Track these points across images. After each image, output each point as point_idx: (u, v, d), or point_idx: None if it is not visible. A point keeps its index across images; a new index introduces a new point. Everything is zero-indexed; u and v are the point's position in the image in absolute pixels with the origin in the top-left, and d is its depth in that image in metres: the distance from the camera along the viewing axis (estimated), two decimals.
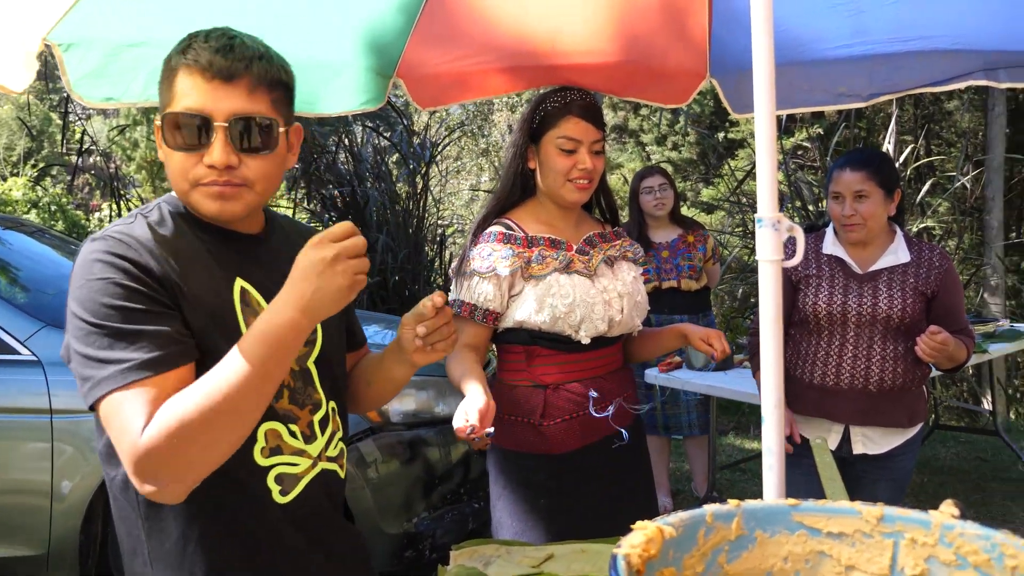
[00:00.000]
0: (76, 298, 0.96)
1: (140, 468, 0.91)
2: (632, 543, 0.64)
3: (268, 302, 1.02)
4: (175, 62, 1.01)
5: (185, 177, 1.01)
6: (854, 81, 1.99)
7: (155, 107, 1.16)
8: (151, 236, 1.00)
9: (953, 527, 0.67)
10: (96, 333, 0.94)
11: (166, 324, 0.96)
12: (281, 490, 1.07)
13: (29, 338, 2.56)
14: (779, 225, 1.03)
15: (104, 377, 0.93)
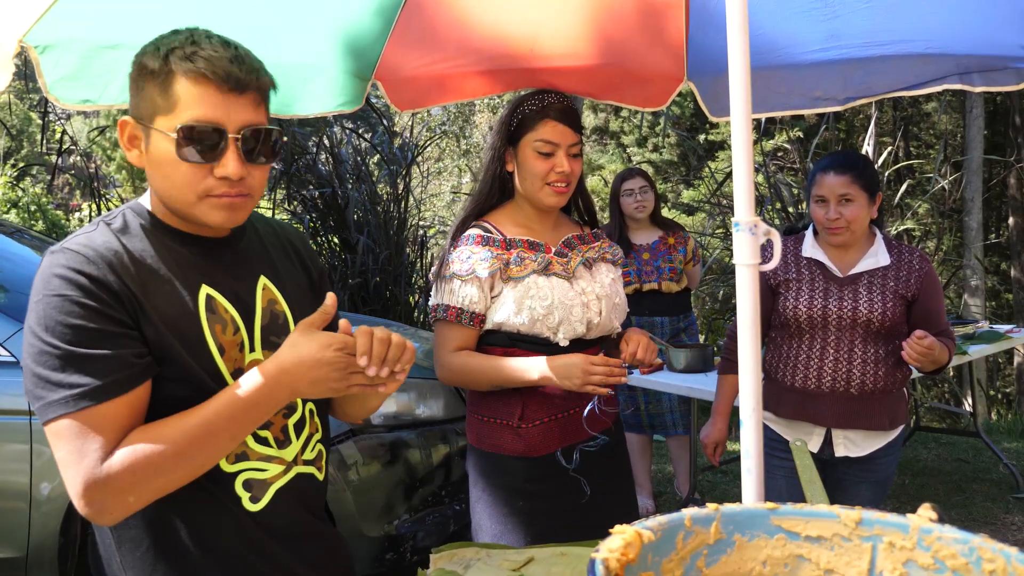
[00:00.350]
0: (33, 312, 0.94)
1: (91, 496, 0.92)
2: (611, 547, 0.64)
3: (236, 307, 1.05)
4: (176, 67, 0.98)
5: (194, 189, 1.00)
6: (829, 85, 2.01)
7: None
8: (113, 247, 0.99)
9: (931, 531, 0.68)
10: (49, 353, 0.92)
11: (121, 346, 0.95)
12: (251, 497, 1.06)
13: (8, 339, 2.53)
14: (756, 229, 1.03)
15: (55, 400, 0.92)
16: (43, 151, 9.98)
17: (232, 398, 0.97)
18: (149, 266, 1.00)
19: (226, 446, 0.98)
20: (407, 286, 5.65)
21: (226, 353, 1.04)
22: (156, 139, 0.99)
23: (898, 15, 1.79)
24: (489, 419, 1.69)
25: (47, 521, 2.45)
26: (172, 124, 0.98)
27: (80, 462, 0.92)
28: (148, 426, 0.96)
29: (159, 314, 0.99)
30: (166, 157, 0.99)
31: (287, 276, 1.16)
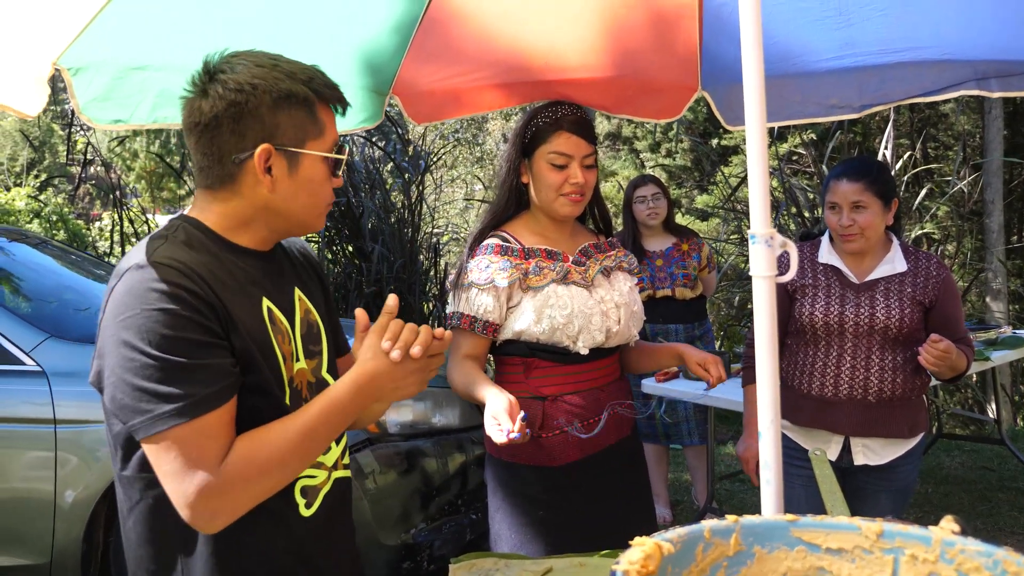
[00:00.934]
0: (131, 327, 0.95)
1: (206, 503, 0.95)
2: (630, 559, 0.64)
3: (285, 316, 1.11)
4: (322, 94, 1.06)
5: (326, 201, 1.10)
6: (845, 93, 2.00)
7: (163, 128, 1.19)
8: (193, 259, 1.01)
9: (954, 543, 0.67)
10: (154, 366, 0.94)
11: (221, 356, 0.98)
12: (306, 503, 1.11)
13: (34, 349, 2.58)
14: (772, 241, 1.03)
15: (164, 413, 0.94)
16: (66, 162, 10.14)
17: (328, 404, 1.01)
18: (222, 278, 1.03)
19: (319, 451, 1.03)
20: (421, 294, 5.68)
21: (286, 362, 1.08)
22: (309, 162, 1.05)
23: (913, 22, 1.78)
24: None
25: (70, 528, 2.50)
26: (324, 147, 1.06)
27: (194, 471, 0.94)
28: (252, 434, 1.00)
29: (242, 325, 1.02)
30: (319, 177, 1.07)
31: (311, 286, 1.21)
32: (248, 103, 1.01)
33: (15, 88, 1.23)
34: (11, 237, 3.50)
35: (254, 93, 1.01)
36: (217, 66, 1.04)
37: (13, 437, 2.51)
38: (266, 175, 1.04)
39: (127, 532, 1.08)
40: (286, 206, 1.07)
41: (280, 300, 1.11)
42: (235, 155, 1.03)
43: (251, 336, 1.03)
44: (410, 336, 1.01)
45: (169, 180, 21.92)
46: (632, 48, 1.96)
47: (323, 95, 1.06)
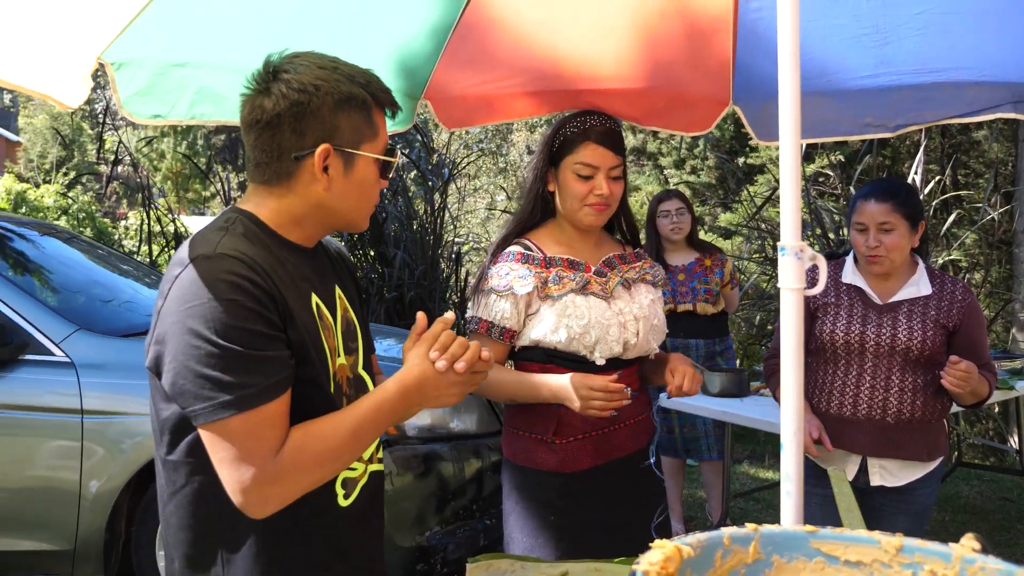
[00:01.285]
0: (197, 315, 0.97)
1: (260, 490, 0.98)
2: (651, 560, 0.65)
3: (329, 312, 1.14)
4: (379, 98, 1.10)
5: (374, 201, 1.15)
6: (880, 112, 1.99)
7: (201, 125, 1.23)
8: (254, 252, 1.04)
9: (974, 561, 0.67)
10: (218, 355, 0.96)
11: (280, 348, 1.01)
12: (345, 494, 1.14)
13: (63, 340, 2.63)
14: (802, 254, 1.04)
15: (225, 401, 0.96)
16: (97, 160, 10.33)
17: (377, 403, 1.05)
18: (278, 271, 1.05)
19: (365, 447, 1.07)
20: (441, 301, 5.71)
21: (332, 357, 1.11)
22: (363, 163, 1.10)
23: (950, 42, 1.77)
24: (524, 433, 1.71)
25: (94, 518, 2.54)
26: (377, 149, 1.11)
27: (251, 458, 0.97)
28: (306, 426, 1.02)
29: (298, 317, 1.05)
30: (371, 178, 1.11)
31: (348, 285, 1.25)
32: (311, 103, 1.04)
33: (58, 79, 1.27)
34: (42, 231, 3.56)
35: (316, 94, 1.04)
36: (280, 65, 1.07)
37: (42, 426, 2.56)
38: (323, 174, 1.07)
39: (167, 516, 1.10)
40: (338, 205, 1.10)
41: (325, 296, 1.14)
42: (295, 153, 1.06)
43: (305, 329, 1.06)
44: (458, 350, 1.04)
45: (195, 181, 22.27)
46: (665, 60, 1.98)
47: (379, 99, 1.09)
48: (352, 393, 1.15)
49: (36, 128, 21.38)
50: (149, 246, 5.96)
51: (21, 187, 8.74)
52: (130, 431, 2.55)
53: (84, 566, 2.56)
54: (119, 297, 3.29)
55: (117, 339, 2.73)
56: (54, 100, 1.25)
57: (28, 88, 1.21)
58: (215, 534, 1.08)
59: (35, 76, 1.23)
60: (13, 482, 2.57)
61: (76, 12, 1.31)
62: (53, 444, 2.57)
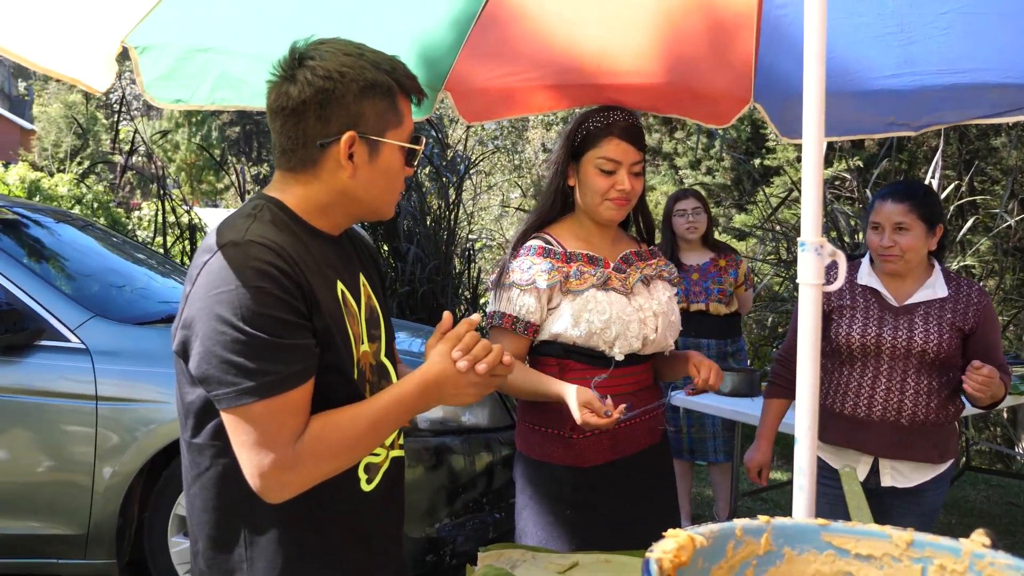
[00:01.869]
0: (225, 302, 0.98)
1: (277, 476, 1.00)
2: (664, 548, 0.66)
3: (354, 300, 1.15)
4: (404, 85, 1.09)
5: (399, 189, 1.15)
6: (903, 111, 1.98)
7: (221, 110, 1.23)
8: (283, 240, 1.04)
9: (983, 555, 0.68)
10: (244, 341, 0.97)
11: (305, 337, 1.02)
12: (367, 479, 1.16)
13: (79, 327, 2.66)
14: (822, 250, 1.04)
15: (248, 387, 0.98)
16: (113, 149, 10.41)
17: (397, 397, 1.06)
18: (305, 258, 1.06)
19: (383, 439, 1.08)
20: (454, 297, 5.72)
21: (356, 344, 1.12)
22: (388, 151, 1.09)
23: (975, 42, 1.76)
24: (539, 428, 1.72)
25: (107, 503, 2.57)
26: (402, 137, 1.10)
27: (271, 444, 0.99)
28: (326, 416, 1.04)
29: (324, 305, 1.06)
30: (396, 166, 1.11)
31: (372, 274, 1.26)
32: (336, 90, 1.04)
33: (86, 63, 1.28)
34: (57, 218, 3.58)
35: (342, 81, 1.04)
36: (305, 52, 1.07)
37: (57, 411, 2.59)
38: (348, 161, 1.07)
39: (191, 498, 1.12)
40: (364, 193, 1.11)
41: (350, 284, 1.15)
42: (320, 140, 1.06)
43: (331, 316, 1.07)
44: (480, 352, 1.05)
45: (209, 173, 22.38)
46: (687, 56, 1.97)
47: (404, 85, 1.09)
48: (375, 380, 1.16)
49: (51, 117, 21.53)
50: (164, 237, 5.99)
51: (35, 175, 8.81)
52: (144, 418, 2.58)
53: (97, 550, 2.59)
54: (134, 285, 3.32)
55: (132, 326, 2.75)
56: (83, 84, 1.27)
57: (57, 72, 1.22)
58: (238, 516, 1.09)
59: (63, 60, 1.25)
60: (28, 467, 2.60)
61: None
62: (68, 430, 2.59)
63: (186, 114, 21.34)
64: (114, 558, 2.59)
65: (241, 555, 1.09)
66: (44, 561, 2.61)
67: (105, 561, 2.60)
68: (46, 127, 21.59)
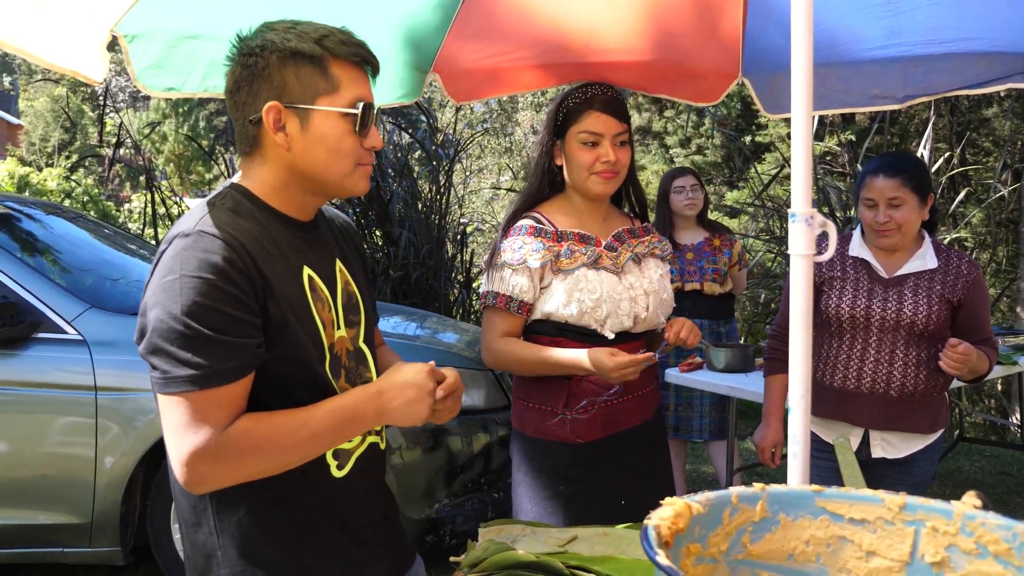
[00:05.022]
0: (167, 289, 0.98)
1: (196, 466, 0.99)
2: (662, 516, 0.67)
3: (326, 287, 1.13)
4: (336, 51, 1.05)
5: (354, 160, 1.08)
6: (889, 83, 1.98)
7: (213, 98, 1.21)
8: (239, 228, 1.03)
9: (975, 517, 0.69)
10: (180, 331, 0.97)
11: (247, 334, 1.01)
12: (338, 464, 1.14)
13: (76, 318, 2.66)
14: (812, 220, 1.05)
15: (178, 376, 0.97)
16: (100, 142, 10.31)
17: (336, 409, 1.05)
18: (265, 247, 1.05)
19: (321, 450, 1.08)
20: (447, 280, 5.73)
21: (326, 329, 1.11)
22: (320, 118, 1.05)
23: (962, 12, 1.76)
24: (535, 405, 1.73)
25: (109, 492, 2.59)
26: (339, 102, 1.05)
27: (192, 435, 0.98)
28: (261, 416, 1.03)
29: (280, 293, 1.05)
30: (334, 131, 1.06)
31: (352, 260, 1.24)
32: (257, 64, 1.04)
33: (81, 55, 1.28)
34: (48, 211, 3.58)
35: (262, 55, 1.04)
36: (246, 36, 1.08)
37: (57, 403, 2.60)
38: (279, 133, 1.05)
39: (172, 484, 1.13)
40: (307, 165, 1.08)
41: (321, 270, 1.14)
42: (251, 116, 1.06)
43: (288, 303, 1.06)
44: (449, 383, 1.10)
45: (198, 164, 22.21)
46: (674, 32, 1.97)
47: (336, 52, 1.05)
48: (352, 365, 1.16)
49: (37, 111, 21.28)
50: (154, 228, 5.97)
51: (24, 171, 8.74)
52: (143, 407, 2.59)
53: (100, 539, 2.61)
54: (128, 276, 3.31)
55: (128, 317, 2.76)
56: (81, 76, 1.26)
57: (56, 64, 1.22)
58: (207, 502, 1.10)
59: (58, 52, 1.24)
60: (30, 458, 2.62)
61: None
62: (68, 420, 2.61)
63: (173, 105, 21.11)
64: (118, 546, 2.62)
65: (214, 540, 1.10)
66: (49, 550, 2.64)
67: (109, 549, 2.63)
68: (33, 121, 21.36)
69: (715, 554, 0.70)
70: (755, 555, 0.73)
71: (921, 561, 0.71)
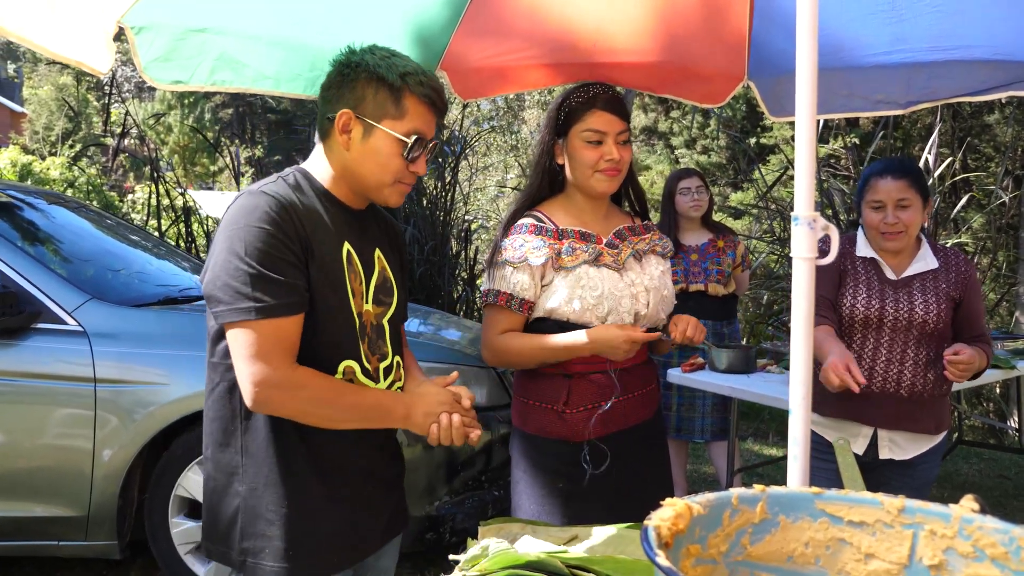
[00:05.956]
0: (234, 236, 1.20)
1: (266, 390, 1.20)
2: (662, 516, 0.67)
3: (362, 264, 1.35)
4: (412, 88, 1.27)
5: (394, 176, 1.31)
6: (892, 88, 2.00)
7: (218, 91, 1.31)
8: (292, 199, 1.26)
9: (972, 520, 0.69)
10: (243, 270, 1.18)
11: (297, 277, 1.22)
12: None
13: (76, 309, 2.65)
14: (814, 224, 1.05)
15: (243, 307, 1.18)
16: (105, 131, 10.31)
17: (378, 400, 1.31)
18: (314, 218, 1.28)
19: (351, 423, 1.31)
20: (451, 277, 5.73)
21: (355, 298, 1.32)
22: (380, 135, 1.28)
23: (965, 19, 1.77)
24: (534, 403, 1.74)
25: (107, 485, 2.57)
26: (400, 129, 1.28)
27: (262, 359, 1.19)
28: (327, 378, 1.26)
29: (320, 255, 1.26)
30: (386, 150, 1.28)
31: (391, 252, 1.46)
32: (348, 75, 1.27)
33: (86, 45, 1.28)
34: (50, 200, 3.55)
35: (355, 69, 1.27)
36: (353, 50, 1.31)
37: (55, 394, 2.59)
38: (344, 135, 1.28)
39: (207, 411, 1.32)
40: (357, 167, 1.30)
41: (361, 250, 1.35)
42: (328, 114, 1.29)
43: (325, 266, 1.26)
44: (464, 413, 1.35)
45: (202, 156, 22.21)
46: (681, 34, 1.97)
47: (413, 88, 1.27)
48: (374, 336, 1.36)
49: (41, 99, 21.28)
50: (158, 220, 5.96)
51: (27, 159, 8.74)
52: (143, 400, 2.58)
53: (97, 532, 2.60)
54: (130, 267, 3.31)
55: (129, 308, 2.75)
56: (86, 66, 1.27)
57: (61, 55, 1.23)
58: (237, 426, 1.29)
59: (64, 42, 1.25)
60: (28, 449, 2.60)
61: None
62: (67, 412, 2.59)
63: (178, 96, 21.12)
64: (115, 539, 2.61)
65: (238, 461, 1.29)
66: (46, 543, 2.62)
67: (106, 542, 2.61)
68: (37, 109, 21.35)
69: (715, 555, 0.71)
70: (754, 557, 0.73)
71: (919, 564, 0.71)
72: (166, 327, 2.70)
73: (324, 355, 1.27)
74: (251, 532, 1.28)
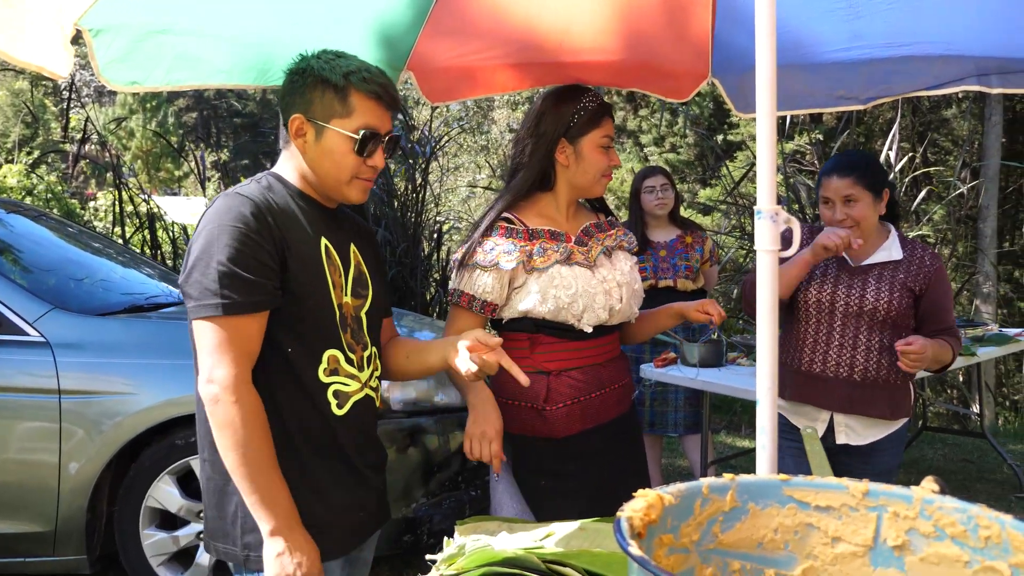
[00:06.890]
0: (209, 234, 1.24)
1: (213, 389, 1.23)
2: (635, 508, 0.68)
3: (340, 257, 1.39)
4: (357, 86, 1.30)
5: (351, 172, 1.34)
6: (852, 84, 2.05)
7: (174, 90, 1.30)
8: (267, 199, 1.31)
9: (933, 501, 0.71)
10: (214, 267, 1.22)
11: (268, 276, 1.26)
12: (337, 403, 1.37)
13: (38, 320, 2.59)
14: (777, 217, 1.07)
15: (208, 304, 1.22)
16: (64, 137, 10.08)
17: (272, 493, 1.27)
18: (289, 216, 1.33)
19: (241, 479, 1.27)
20: (423, 279, 5.71)
21: (335, 290, 1.36)
22: (331, 135, 1.32)
23: (920, 16, 1.82)
24: (514, 402, 1.74)
25: (74, 499, 2.52)
26: (349, 126, 1.31)
27: (222, 355, 1.22)
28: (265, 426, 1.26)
29: (298, 251, 1.31)
30: (339, 148, 1.32)
31: (365, 248, 1.50)
32: (297, 82, 1.33)
33: (45, 50, 1.26)
34: (8, 209, 3.46)
35: (303, 75, 1.32)
36: (304, 56, 1.35)
37: (18, 407, 2.53)
38: (298, 138, 1.34)
39: (199, 413, 1.34)
40: (316, 168, 1.35)
41: (337, 244, 1.39)
42: (285, 120, 1.35)
43: (304, 260, 1.31)
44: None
45: (166, 160, 21.80)
46: (645, 32, 2.00)
47: (358, 86, 1.30)
48: (355, 327, 1.40)
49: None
50: (122, 227, 5.84)
51: None
52: (109, 411, 2.53)
53: (66, 547, 2.54)
54: (93, 276, 3.24)
55: (93, 318, 2.69)
56: (46, 71, 1.25)
57: (19, 59, 1.20)
58: None
59: (21, 47, 1.22)
60: None
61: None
62: (30, 425, 2.53)
63: (140, 100, 20.69)
64: (84, 554, 2.55)
65: None
66: (12, 560, 2.56)
67: (75, 557, 2.56)
68: None
69: (687, 544, 0.72)
70: (726, 544, 0.74)
71: (884, 545, 0.73)
72: (132, 336, 2.66)
73: (309, 344, 1.32)
74: (251, 527, 1.30)
